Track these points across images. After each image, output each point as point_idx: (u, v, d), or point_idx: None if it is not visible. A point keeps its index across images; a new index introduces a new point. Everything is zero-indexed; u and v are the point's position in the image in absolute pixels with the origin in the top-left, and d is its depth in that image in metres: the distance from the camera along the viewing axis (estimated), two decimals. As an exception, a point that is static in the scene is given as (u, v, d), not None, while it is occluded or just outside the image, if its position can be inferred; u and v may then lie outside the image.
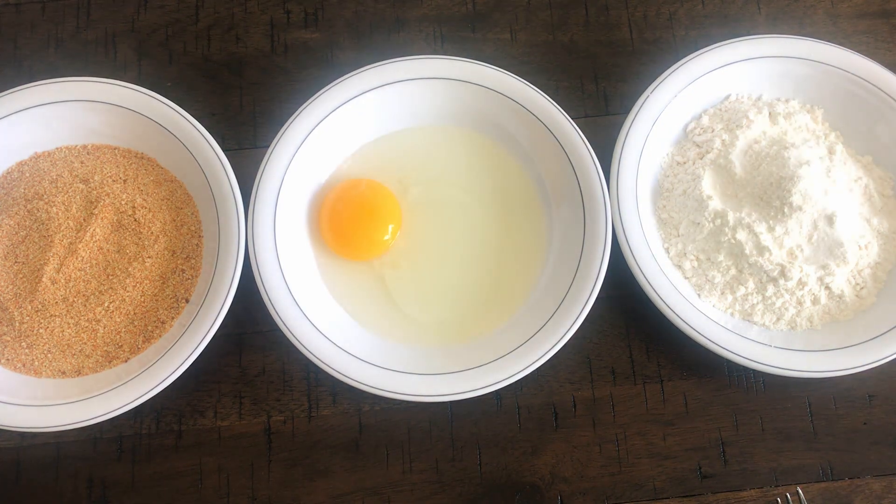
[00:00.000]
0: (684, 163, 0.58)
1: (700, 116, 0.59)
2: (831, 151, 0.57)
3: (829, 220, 0.54)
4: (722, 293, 0.55)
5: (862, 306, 0.55)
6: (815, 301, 0.54)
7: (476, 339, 0.55)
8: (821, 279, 0.54)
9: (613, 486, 0.55)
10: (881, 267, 0.56)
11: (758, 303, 0.54)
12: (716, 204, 0.56)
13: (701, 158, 0.58)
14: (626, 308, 0.57)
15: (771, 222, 0.54)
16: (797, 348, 0.53)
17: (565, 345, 0.52)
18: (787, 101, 0.60)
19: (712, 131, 0.58)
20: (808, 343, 0.53)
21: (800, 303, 0.54)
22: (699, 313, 0.53)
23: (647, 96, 0.57)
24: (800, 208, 0.53)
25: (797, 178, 0.53)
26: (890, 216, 0.57)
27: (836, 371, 0.52)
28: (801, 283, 0.54)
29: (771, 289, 0.54)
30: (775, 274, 0.54)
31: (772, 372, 0.52)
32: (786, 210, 0.54)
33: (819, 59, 0.59)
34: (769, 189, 0.55)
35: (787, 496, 0.54)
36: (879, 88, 0.58)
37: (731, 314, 0.55)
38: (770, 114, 0.58)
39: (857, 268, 0.55)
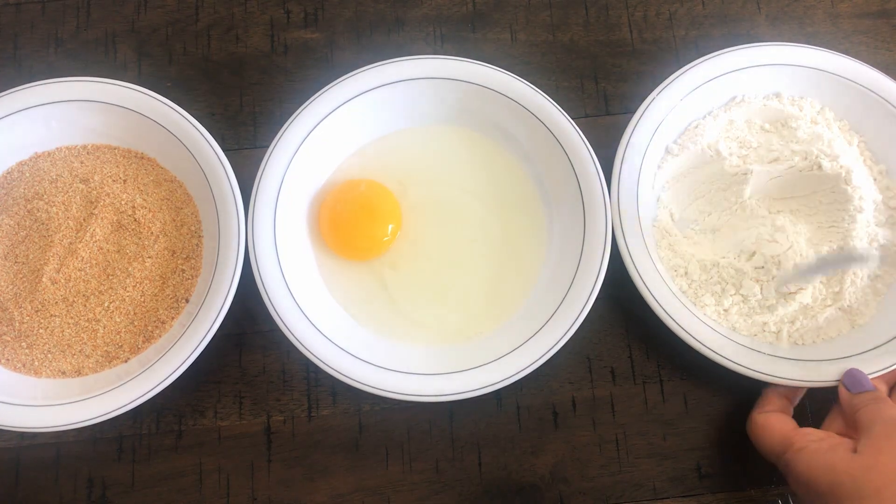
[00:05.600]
0: (684, 164, 0.58)
1: (704, 117, 0.59)
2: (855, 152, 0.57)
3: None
4: (721, 299, 0.55)
5: (861, 318, 0.55)
6: (814, 311, 0.54)
7: (476, 339, 0.56)
8: (821, 289, 0.54)
9: (613, 486, 0.55)
10: (881, 280, 0.55)
11: (756, 310, 0.54)
12: (712, 208, 0.55)
13: (700, 158, 0.57)
14: (625, 308, 0.57)
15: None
16: (794, 357, 0.53)
17: (565, 345, 0.52)
18: (793, 100, 0.59)
19: (715, 131, 0.58)
20: (805, 353, 0.53)
21: (799, 312, 0.54)
22: (696, 319, 0.53)
23: (652, 100, 0.57)
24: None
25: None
26: (893, 228, 0.56)
27: (833, 382, 0.51)
28: (801, 292, 0.54)
29: (770, 297, 0.54)
30: (775, 281, 0.54)
31: (767, 381, 0.52)
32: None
33: (827, 69, 0.58)
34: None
35: (787, 496, 0.54)
36: (887, 101, 0.57)
37: (729, 320, 0.54)
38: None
39: (857, 279, 0.55)
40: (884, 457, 0.44)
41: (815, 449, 0.47)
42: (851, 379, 0.50)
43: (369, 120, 0.58)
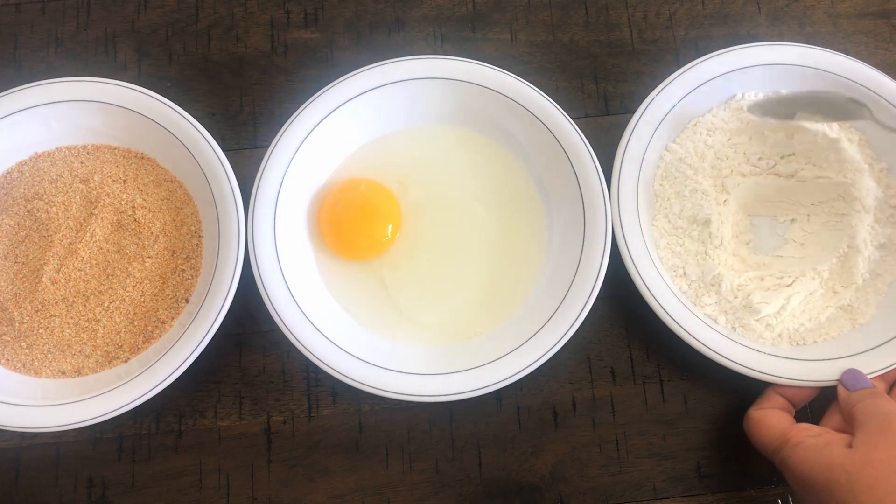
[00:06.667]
0: (684, 164, 0.58)
1: (703, 115, 0.59)
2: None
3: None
4: (720, 297, 0.55)
5: (861, 317, 0.54)
6: (814, 310, 0.54)
7: (476, 339, 0.56)
8: (821, 289, 0.54)
9: (613, 486, 0.55)
10: (882, 279, 0.55)
11: (756, 309, 0.54)
12: (714, 207, 0.55)
13: (699, 157, 0.57)
14: (625, 308, 0.57)
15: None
16: (794, 357, 0.53)
17: (565, 345, 0.52)
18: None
19: (714, 129, 0.58)
20: (805, 352, 0.53)
21: (798, 310, 0.54)
22: (696, 319, 0.53)
23: (652, 100, 0.57)
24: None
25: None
26: (894, 227, 0.56)
27: (832, 381, 0.51)
28: (801, 291, 0.54)
29: (770, 295, 0.54)
30: (775, 281, 0.54)
31: (767, 380, 0.52)
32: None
33: (827, 69, 0.58)
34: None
35: (787, 496, 0.54)
36: (887, 100, 0.57)
37: (729, 319, 0.54)
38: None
39: (857, 278, 0.55)
40: (878, 452, 0.44)
41: (811, 444, 0.47)
42: (850, 377, 0.50)
43: (369, 120, 0.58)
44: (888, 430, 0.45)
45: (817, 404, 0.55)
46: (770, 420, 0.51)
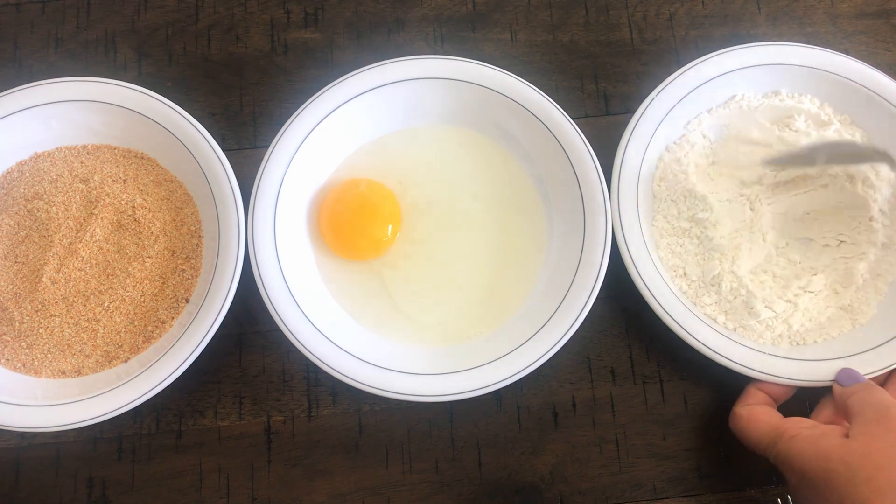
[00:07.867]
0: (684, 164, 0.58)
1: (703, 115, 0.59)
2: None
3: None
4: (720, 297, 0.55)
5: (861, 317, 0.54)
6: (814, 310, 0.54)
7: (476, 339, 0.56)
8: (820, 288, 0.54)
9: (613, 486, 0.55)
10: (882, 279, 0.55)
11: (755, 308, 0.54)
12: (713, 207, 0.55)
13: (699, 157, 0.57)
14: (625, 308, 0.57)
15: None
16: (794, 357, 0.53)
17: (565, 345, 0.52)
18: (793, 95, 0.59)
19: (715, 129, 0.58)
20: (805, 353, 0.53)
21: (797, 311, 0.54)
22: (696, 319, 0.53)
23: (652, 100, 0.56)
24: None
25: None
26: (894, 227, 0.56)
27: (832, 382, 0.51)
28: (800, 290, 0.54)
29: (769, 295, 0.54)
30: (774, 281, 0.54)
31: (767, 380, 0.52)
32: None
33: (827, 69, 0.58)
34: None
35: (787, 496, 0.54)
36: (887, 100, 0.57)
37: (729, 319, 0.54)
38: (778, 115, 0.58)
39: (857, 278, 0.55)
40: (876, 441, 0.44)
41: (807, 436, 0.47)
42: (845, 375, 0.50)
43: (370, 119, 0.58)
44: (884, 420, 0.45)
45: (812, 400, 0.55)
46: (760, 415, 0.51)
